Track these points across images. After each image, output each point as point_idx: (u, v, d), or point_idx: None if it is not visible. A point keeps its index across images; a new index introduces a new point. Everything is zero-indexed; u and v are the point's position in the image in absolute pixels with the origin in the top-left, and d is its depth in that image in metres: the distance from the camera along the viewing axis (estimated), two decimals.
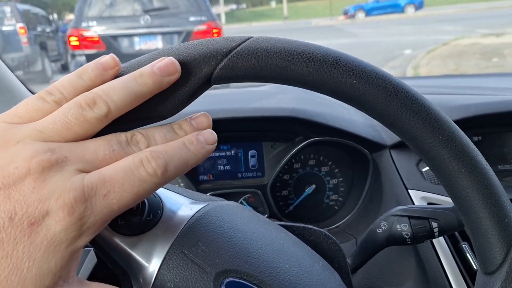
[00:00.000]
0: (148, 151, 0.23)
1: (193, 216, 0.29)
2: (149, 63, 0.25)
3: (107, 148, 0.23)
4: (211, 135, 0.26)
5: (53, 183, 0.20)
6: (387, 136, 0.65)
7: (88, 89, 0.24)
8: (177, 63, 0.25)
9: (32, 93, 0.77)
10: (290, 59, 0.24)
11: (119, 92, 0.23)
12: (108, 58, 0.25)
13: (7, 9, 6.04)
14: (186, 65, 0.25)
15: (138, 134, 0.24)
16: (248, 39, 0.26)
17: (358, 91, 0.25)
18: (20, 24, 5.93)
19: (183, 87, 0.25)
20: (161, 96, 0.25)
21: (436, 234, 0.41)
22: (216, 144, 0.26)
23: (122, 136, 0.24)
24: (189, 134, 0.26)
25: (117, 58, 0.26)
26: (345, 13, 17.46)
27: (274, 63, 0.24)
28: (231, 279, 0.27)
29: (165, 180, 0.23)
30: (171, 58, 0.25)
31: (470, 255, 0.49)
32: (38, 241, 0.19)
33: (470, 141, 0.26)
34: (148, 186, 0.22)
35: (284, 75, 0.25)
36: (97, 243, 0.27)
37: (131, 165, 0.22)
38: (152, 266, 0.27)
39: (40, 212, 0.19)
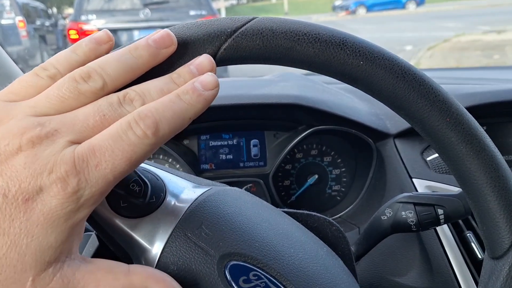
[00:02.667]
0: (136, 112, 0.22)
1: (196, 199, 0.29)
2: None
3: (97, 113, 0.21)
4: (210, 79, 0.24)
5: (44, 157, 0.20)
6: (391, 125, 0.64)
7: (82, 64, 0.23)
8: (173, 35, 0.24)
9: None
10: (296, 40, 0.24)
11: (114, 65, 0.23)
12: (102, 33, 0.25)
13: (6, 2, 6.03)
14: (189, 45, 0.24)
15: (131, 91, 0.23)
16: (253, 19, 0.25)
17: (365, 73, 0.24)
18: (19, 18, 5.92)
19: None
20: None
21: (442, 221, 0.41)
22: (218, 88, 0.24)
23: (114, 97, 0.22)
24: (187, 83, 0.24)
25: (110, 33, 0.25)
26: (343, 8, 17.48)
27: (279, 43, 0.24)
28: (235, 262, 0.26)
29: (159, 139, 0.22)
30: (166, 30, 0.24)
31: (474, 244, 0.48)
32: (35, 217, 0.19)
33: (478, 124, 0.25)
34: (140, 150, 0.21)
35: (290, 56, 0.25)
36: (99, 226, 0.27)
37: (119, 130, 0.21)
38: (155, 248, 0.26)
39: (34, 187, 0.19)
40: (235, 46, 0.24)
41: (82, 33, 3.96)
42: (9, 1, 6.05)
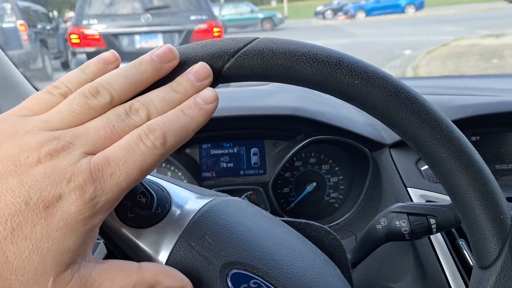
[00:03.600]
0: (146, 125, 0.23)
1: (199, 210, 0.30)
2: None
3: (106, 125, 0.23)
4: (210, 94, 0.25)
5: (62, 168, 0.21)
6: (387, 135, 0.65)
7: (91, 82, 0.25)
8: (175, 49, 0.26)
9: (37, 90, 0.78)
10: (294, 60, 0.25)
11: (120, 80, 0.24)
12: (109, 54, 0.27)
13: (8, 6, 6.02)
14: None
15: (136, 102, 0.24)
16: (254, 40, 0.27)
17: (360, 91, 0.25)
18: (21, 21, 5.90)
19: None
20: None
21: (434, 230, 0.42)
22: (217, 101, 0.26)
23: (121, 108, 0.24)
24: (189, 92, 0.25)
25: (117, 54, 0.27)
26: (323, 14, 17.47)
27: (279, 63, 0.25)
28: (236, 270, 0.27)
29: (167, 150, 0.23)
30: (168, 45, 0.26)
31: (466, 251, 0.50)
32: (55, 222, 0.20)
33: (467, 140, 0.26)
34: (151, 159, 0.23)
35: (289, 74, 0.26)
36: (107, 235, 0.28)
37: (131, 142, 0.23)
38: (160, 257, 0.27)
39: (54, 195, 0.20)
40: (237, 65, 0.26)
41: (84, 37, 3.96)
42: (10, 5, 6.04)
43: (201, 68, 0.26)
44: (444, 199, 0.54)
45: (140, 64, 0.25)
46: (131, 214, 0.28)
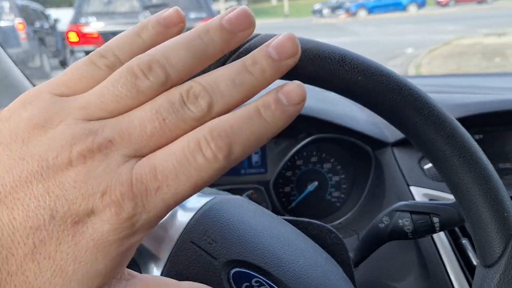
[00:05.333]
0: (208, 128, 0.18)
1: (201, 208, 0.30)
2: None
3: (155, 117, 0.18)
4: (297, 90, 0.19)
5: (97, 176, 0.17)
6: (389, 134, 0.65)
7: (147, 50, 0.19)
8: (252, 14, 0.20)
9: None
10: None
11: (180, 54, 0.19)
12: (172, 12, 0.21)
13: (6, 4, 6.03)
14: None
15: (196, 85, 0.18)
16: (255, 36, 0.26)
17: (362, 88, 0.25)
18: (19, 20, 5.92)
19: None
20: None
21: (437, 229, 0.42)
22: (304, 102, 0.20)
23: (175, 93, 0.18)
24: (267, 76, 0.19)
25: (182, 13, 0.21)
26: (321, 12, 17.49)
27: None
28: (238, 269, 0.28)
29: (229, 164, 0.18)
30: (243, 7, 0.20)
31: (470, 251, 0.49)
32: (84, 242, 0.17)
33: (471, 137, 0.26)
34: (207, 175, 0.18)
35: (290, 72, 0.26)
36: None
37: (186, 150, 0.17)
38: (162, 255, 0.28)
39: (84, 210, 0.17)
40: None
41: (82, 36, 3.96)
42: (8, 3, 6.05)
43: (285, 41, 0.19)
44: (447, 197, 0.54)
45: (207, 31, 0.19)
46: None
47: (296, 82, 0.20)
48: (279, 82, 0.20)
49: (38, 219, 0.17)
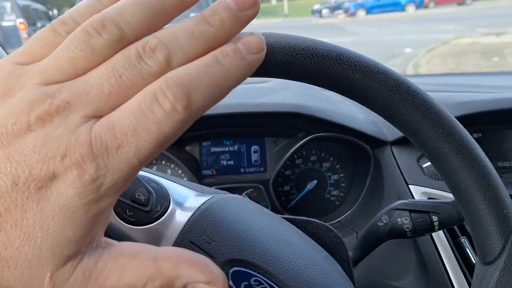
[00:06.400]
0: (163, 78, 0.17)
1: (199, 207, 0.30)
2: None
3: (111, 75, 0.17)
4: (255, 40, 0.19)
5: (56, 138, 0.16)
6: (389, 132, 0.65)
7: None
8: None
9: None
10: (294, 55, 0.25)
11: (135, 9, 0.18)
12: None
13: (8, 4, 6.03)
14: None
15: (152, 38, 0.18)
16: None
17: (360, 86, 0.25)
18: (20, 20, 5.92)
19: None
20: None
21: (436, 227, 0.42)
22: (264, 52, 0.20)
23: (132, 49, 0.18)
24: (226, 26, 0.19)
25: None
26: (320, 12, 17.54)
27: (278, 58, 0.25)
28: (236, 268, 0.28)
29: (191, 114, 0.17)
30: None
31: (469, 249, 0.49)
32: (50, 208, 0.16)
33: (469, 135, 0.26)
34: (169, 129, 0.17)
35: (288, 70, 0.25)
36: (106, 233, 0.28)
37: (142, 104, 0.17)
38: None
39: (46, 174, 0.16)
40: None
41: None
42: (10, 3, 6.05)
43: None
44: (446, 196, 0.54)
45: None
46: (130, 212, 0.28)
47: (255, 33, 0.20)
48: (281, 82, 0.20)
49: (1, 186, 0.16)
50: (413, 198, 0.56)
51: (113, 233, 0.28)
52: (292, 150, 0.68)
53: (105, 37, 0.18)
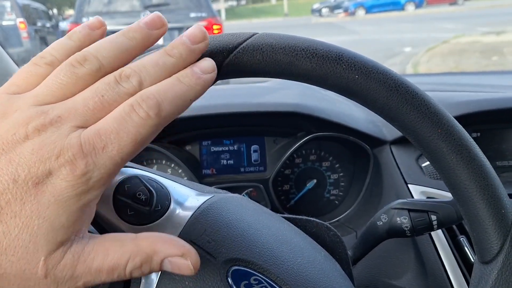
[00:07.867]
0: (138, 94, 0.22)
1: (199, 207, 0.30)
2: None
3: (95, 95, 0.22)
4: (207, 63, 0.24)
5: (51, 142, 0.20)
6: (388, 132, 0.65)
7: (78, 50, 0.24)
8: (163, 17, 0.25)
9: None
10: (294, 55, 0.25)
11: (109, 47, 0.23)
12: (94, 20, 0.26)
13: (7, 3, 6.02)
14: None
15: (126, 68, 0.23)
16: (253, 35, 0.26)
17: (360, 86, 0.25)
18: (20, 19, 5.91)
19: None
20: None
21: (435, 226, 0.42)
22: (216, 71, 0.24)
23: (110, 77, 0.23)
24: (184, 56, 0.24)
25: (102, 20, 0.26)
26: (320, 11, 17.53)
27: (278, 58, 0.25)
28: (236, 267, 0.28)
29: (162, 120, 0.22)
30: (157, 13, 0.25)
31: (467, 248, 0.50)
32: (45, 199, 0.20)
33: (468, 134, 0.26)
34: (145, 131, 0.21)
35: (288, 70, 0.25)
36: (107, 232, 0.28)
37: (122, 112, 0.21)
38: None
39: (43, 172, 0.20)
40: (237, 61, 0.25)
41: None
42: (10, 3, 6.05)
43: (195, 31, 0.24)
44: (445, 195, 0.54)
45: (129, 31, 0.24)
46: (131, 211, 0.28)
47: (207, 58, 0.24)
48: (281, 82, 0.21)
49: (3, 184, 0.20)
50: (412, 197, 0.57)
51: (113, 232, 0.28)
52: (292, 149, 0.68)
53: (87, 67, 0.23)
